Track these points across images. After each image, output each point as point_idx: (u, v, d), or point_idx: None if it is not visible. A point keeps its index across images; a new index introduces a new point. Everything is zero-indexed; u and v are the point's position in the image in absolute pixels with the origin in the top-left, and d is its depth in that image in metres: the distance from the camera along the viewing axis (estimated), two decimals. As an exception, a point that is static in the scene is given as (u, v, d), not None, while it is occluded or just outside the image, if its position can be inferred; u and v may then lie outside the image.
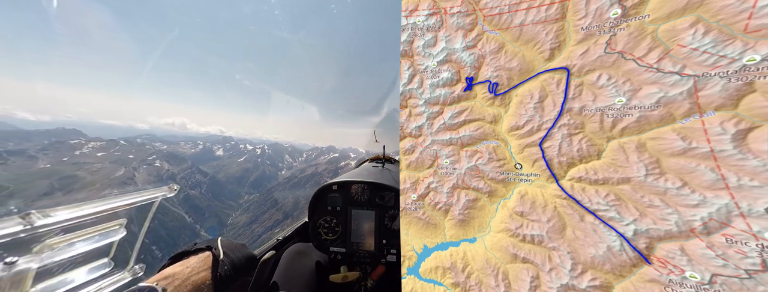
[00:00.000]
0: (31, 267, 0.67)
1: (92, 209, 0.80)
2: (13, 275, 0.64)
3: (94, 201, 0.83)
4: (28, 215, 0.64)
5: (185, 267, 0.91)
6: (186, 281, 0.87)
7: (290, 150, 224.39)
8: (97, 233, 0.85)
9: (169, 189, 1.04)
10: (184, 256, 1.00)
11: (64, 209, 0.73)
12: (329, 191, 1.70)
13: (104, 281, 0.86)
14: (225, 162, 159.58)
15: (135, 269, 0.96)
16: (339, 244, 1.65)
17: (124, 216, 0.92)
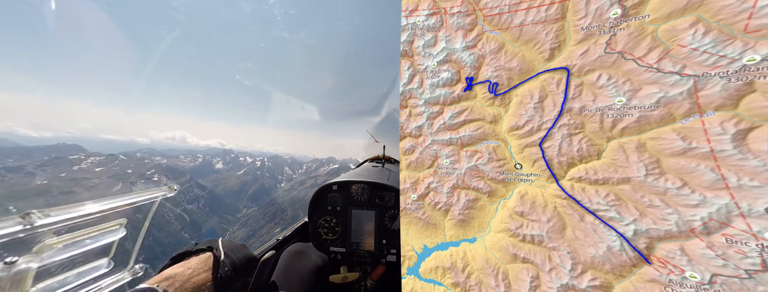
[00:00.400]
0: (31, 267, 0.67)
1: (92, 209, 0.80)
2: (13, 275, 0.64)
3: (94, 201, 0.83)
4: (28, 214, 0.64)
5: (186, 268, 0.91)
6: (187, 282, 0.86)
7: (290, 162, 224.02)
8: (97, 233, 0.85)
9: (169, 189, 1.04)
10: (185, 257, 1.00)
11: (64, 209, 0.73)
12: (329, 191, 1.70)
13: (104, 281, 0.86)
14: (224, 175, 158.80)
15: (135, 269, 0.96)
16: (339, 244, 1.65)
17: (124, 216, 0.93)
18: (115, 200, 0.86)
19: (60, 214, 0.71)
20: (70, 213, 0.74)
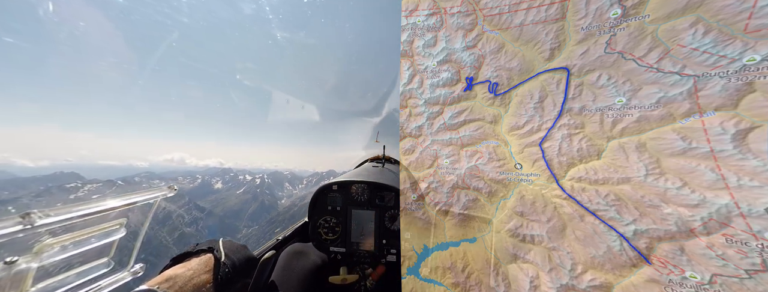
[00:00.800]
0: (31, 267, 0.67)
1: (92, 209, 0.80)
2: (13, 275, 0.64)
3: (94, 201, 0.83)
4: (28, 214, 0.64)
5: (186, 269, 0.91)
6: (187, 283, 0.86)
7: (290, 177, 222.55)
8: (97, 233, 0.85)
9: (168, 189, 1.04)
10: (186, 257, 1.00)
11: (64, 209, 0.73)
12: (329, 191, 1.70)
13: (104, 281, 0.85)
14: (223, 195, 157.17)
15: (135, 269, 0.96)
16: (339, 244, 1.65)
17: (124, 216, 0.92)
18: (115, 200, 0.86)
19: (60, 214, 0.71)
20: (70, 213, 0.74)
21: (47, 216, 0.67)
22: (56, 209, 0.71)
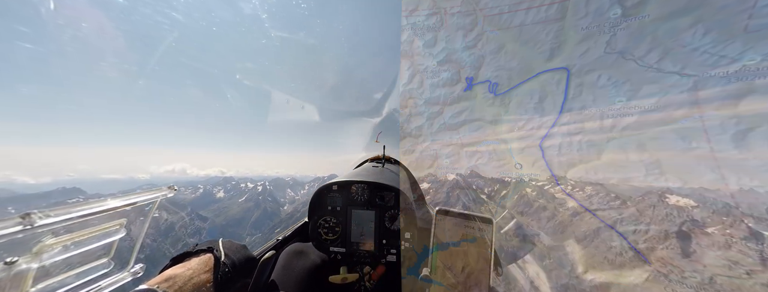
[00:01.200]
0: (31, 267, 0.67)
1: (92, 209, 0.80)
2: (13, 275, 0.64)
3: (94, 201, 0.82)
4: (28, 215, 0.64)
5: (186, 269, 0.91)
6: (187, 283, 0.86)
7: (292, 184, 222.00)
8: (97, 234, 0.85)
9: (168, 189, 1.04)
10: (186, 257, 1.00)
11: (64, 209, 0.73)
12: (329, 191, 1.70)
13: (104, 281, 0.85)
14: (225, 204, 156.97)
15: (135, 269, 0.96)
16: (339, 244, 1.65)
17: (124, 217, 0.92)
18: (115, 200, 0.86)
19: (60, 214, 0.71)
20: (70, 213, 0.74)
21: (47, 216, 0.67)
22: (56, 210, 0.71)
